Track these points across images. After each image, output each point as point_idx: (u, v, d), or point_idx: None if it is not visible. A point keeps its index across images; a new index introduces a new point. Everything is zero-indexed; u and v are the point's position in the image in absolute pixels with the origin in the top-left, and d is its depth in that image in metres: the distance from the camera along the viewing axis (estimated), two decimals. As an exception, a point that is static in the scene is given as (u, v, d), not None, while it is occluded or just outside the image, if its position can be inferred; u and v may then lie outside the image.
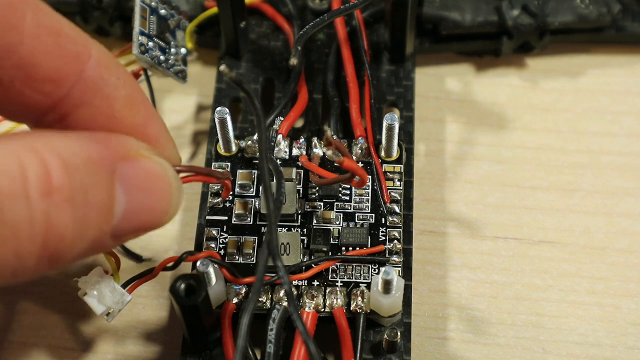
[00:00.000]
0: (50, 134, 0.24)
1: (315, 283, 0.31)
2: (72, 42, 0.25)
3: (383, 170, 0.33)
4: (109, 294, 0.29)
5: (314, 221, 0.32)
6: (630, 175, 0.36)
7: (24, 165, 0.22)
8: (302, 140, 0.34)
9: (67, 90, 0.25)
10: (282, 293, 0.30)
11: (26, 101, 0.25)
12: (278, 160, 0.33)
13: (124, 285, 0.30)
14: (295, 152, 0.33)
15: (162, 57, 0.34)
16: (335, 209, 0.32)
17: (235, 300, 0.30)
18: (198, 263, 0.29)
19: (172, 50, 0.35)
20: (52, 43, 0.25)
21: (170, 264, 0.30)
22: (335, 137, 0.32)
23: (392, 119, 0.31)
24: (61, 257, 0.23)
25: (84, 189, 0.23)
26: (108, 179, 0.24)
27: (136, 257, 0.34)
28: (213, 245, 0.32)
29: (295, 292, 0.31)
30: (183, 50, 0.36)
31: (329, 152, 0.28)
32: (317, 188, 0.32)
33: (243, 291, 0.31)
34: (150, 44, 0.34)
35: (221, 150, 0.33)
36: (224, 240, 0.32)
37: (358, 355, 0.29)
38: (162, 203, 0.25)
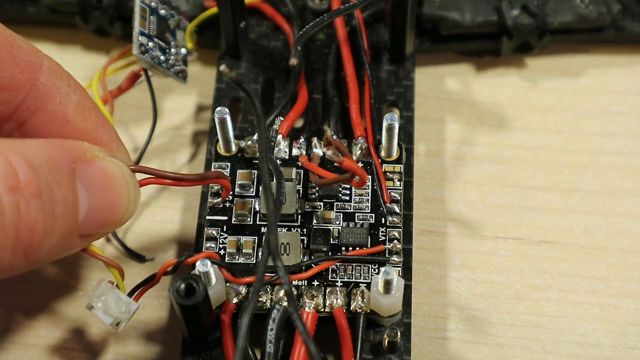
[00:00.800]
0: (9, 139, 0.25)
1: (315, 283, 0.31)
2: (25, 53, 0.28)
3: (383, 170, 0.33)
4: (114, 305, 0.29)
5: (314, 221, 0.32)
6: (630, 175, 0.36)
7: None
8: (302, 140, 0.33)
9: (23, 97, 0.28)
10: (282, 293, 0.30)
11: None
12: (278, 160, 0.33)
13: (130, 294, 0.30)
14: (295, 152, 0.33)
15: (162, 57, 0.34)
16: (335, 209, 0.32)
17: (235, 300, 0.30)
18: (198, 263, 0.29)
19: (172, 50, 0.35)
20: (7, 53, 0.27)
21: (170, 268, 0.30)
22: (335, 137, 0.32)
23: (392, 119, 0.31)
24: (35, 250, 0.24)
25: (49, 187, 0.24)
26: (70, 178, 0.25)
27: (139, 257, 0.34)
28: (213, 246, 0.32)
29: (295, 292, 0.31)
30: (183, 51, 0.36)
31: (329, 152, 0.28)
32: (317, 188, 0.32)
33: (243, 291, 0.31)
34: (150, 44, 0.34)
35: (221, 150, 0.33)
36: (223, 240, 0.32)
37: (358, 355, 0.29)
38: (121, 200, 0.27)
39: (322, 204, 0.32)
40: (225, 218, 0.32)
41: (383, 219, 0.32)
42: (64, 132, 0.28)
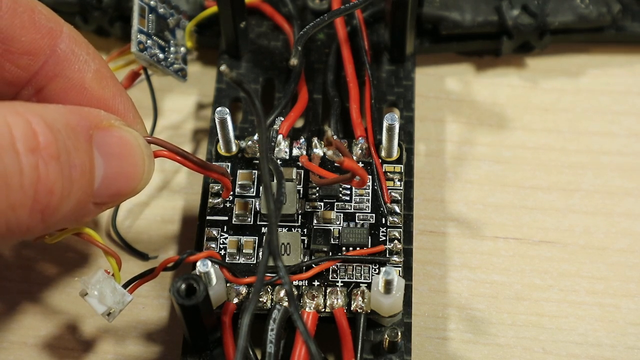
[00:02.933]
0: (29, 103, 0.25)
1: (316, 283, 0.31)
2: (45, 19, 0.28)
3: (383, 170, 0.33)
4: (110, 294, 0.29)
5: (315, 221, 0.32)
6: (630, 175, 0.36)
7: (9, 123, 0.23)
8: (302, 140, 0.33)
9: (42, 63, 0.28)
10: (282, 293, 0.30)
11: (6, 75, 0.28)
12: (278, 160, 0.33)
13: (124, 286, 0.30)
14: (295, 152, 0.33)
15: (161, 55, 0.34)
16: (335, 209, 0.32)
17: (235, 300, 0.30)
18: (198, 263, 0.29)
19: (172, 49, 0.35)
20: (28, 18, 0.27)
21: (170, 264, 0.30)
22: (335, 137, 0.32)
23: (392, 119, 0.31)
24: (52, 213, 0.24)
25: (67, 151, 0.24)
26: (87, 144, 0.25)
27: (142, 255, 0.34)
28: (213, 246, 0.32)
29: (295, 292, 0.31)
30: (183, 49, 0.36)
31: (329, 152, 0.28)
32: (318, 188, 0.32)
33: (244, 291, 0.31)
34: (149, 42, 0.34)
35: (221, 150, 0.33)
36: (224, 240, 0.32)
37: (358, 355, 0.29)
38: (136, 169, 0.27)
39: (322, 204, 0.32)
40: (226, 218, 0.32)
41: (383, 219, 0.32)
42: (81, 99, 0.28)
